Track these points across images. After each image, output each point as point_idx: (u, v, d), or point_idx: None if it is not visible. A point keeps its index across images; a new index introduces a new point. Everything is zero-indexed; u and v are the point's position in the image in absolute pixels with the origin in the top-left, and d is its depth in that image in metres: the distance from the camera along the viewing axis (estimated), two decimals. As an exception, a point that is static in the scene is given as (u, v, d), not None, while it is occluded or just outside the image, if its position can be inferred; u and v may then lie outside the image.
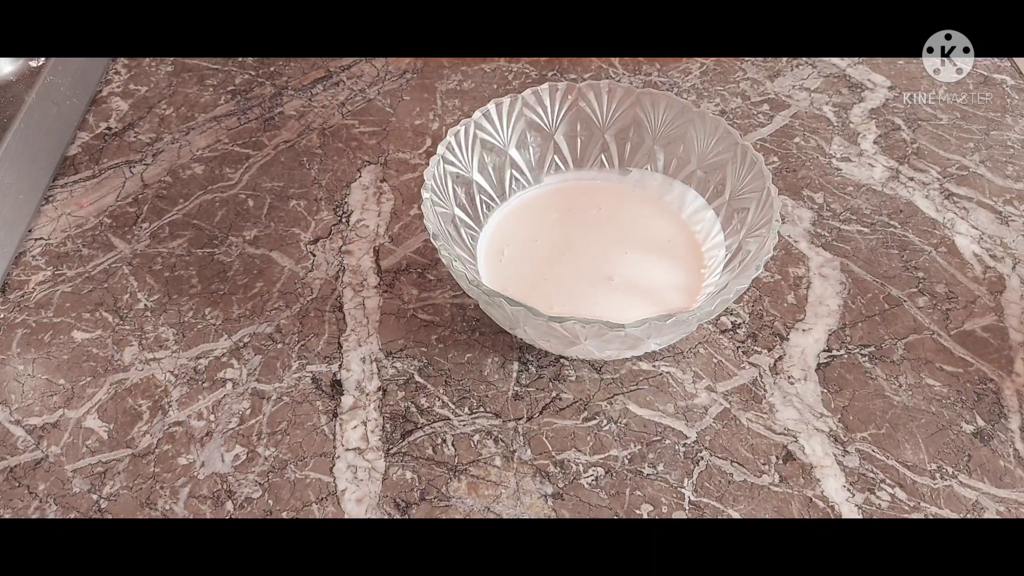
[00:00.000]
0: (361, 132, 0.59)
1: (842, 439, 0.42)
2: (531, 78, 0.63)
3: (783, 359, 0.45)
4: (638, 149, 0.51)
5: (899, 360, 0.45)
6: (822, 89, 0.61)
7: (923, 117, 0.59)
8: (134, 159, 0.57)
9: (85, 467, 0.41)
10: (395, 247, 0.51)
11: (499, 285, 0.46)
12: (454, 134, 0.47)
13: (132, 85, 0.63)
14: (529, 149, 0.51)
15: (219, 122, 0.60)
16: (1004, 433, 0.42)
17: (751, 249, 0.43)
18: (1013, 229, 0.51)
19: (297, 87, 0.62)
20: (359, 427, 0.43)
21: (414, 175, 0.56)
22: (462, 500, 0.40)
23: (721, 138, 0.47)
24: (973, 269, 0.49)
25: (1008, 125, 0.58)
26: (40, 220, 0.53)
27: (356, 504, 0.40)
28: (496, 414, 0.43)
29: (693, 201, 0.49)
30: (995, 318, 0.47)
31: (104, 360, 0.46)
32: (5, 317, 0.48)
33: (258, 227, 0.53)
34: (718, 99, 0.61)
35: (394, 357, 0.46)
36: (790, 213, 0.53)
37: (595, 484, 0.40)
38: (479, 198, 0.49)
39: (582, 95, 0.50)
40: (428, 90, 0.62)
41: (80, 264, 0.51)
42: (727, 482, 0.40)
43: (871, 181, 0.55)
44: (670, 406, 0.43)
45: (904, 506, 0.39)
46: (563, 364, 0.45)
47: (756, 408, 0.43)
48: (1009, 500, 0.40)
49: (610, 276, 0.46)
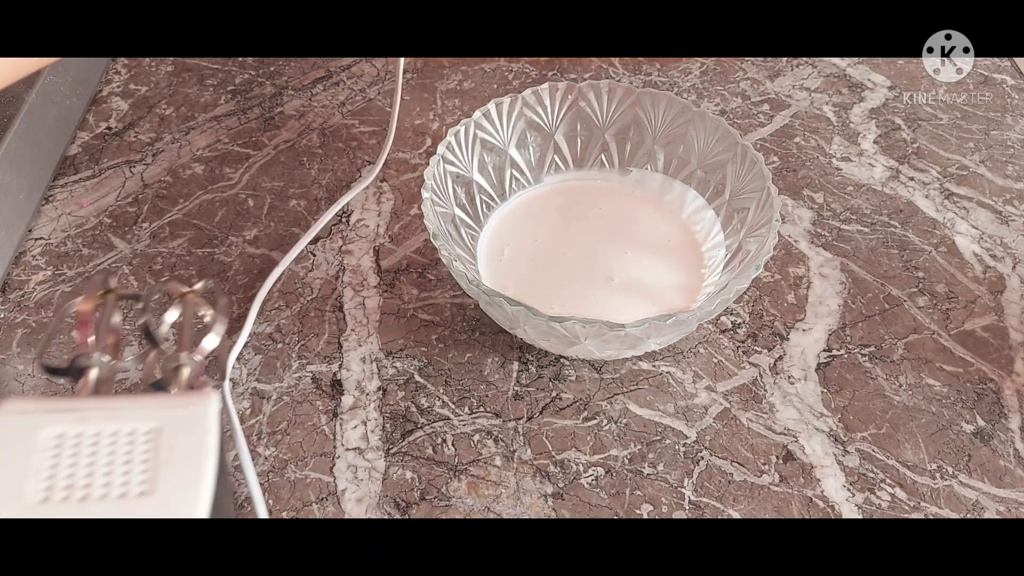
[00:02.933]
0: (361, 132, 0.59)
1: (842, 439, 0.42)
2: (531, 78, 0.63)
3: (783, 359, 0.45)
4: (638, 149, 0.51)
5: (899, 360, 0.45)
6: (822, 89, 0.61)
7: (923, 117, 0.59)
8: (134, 159, 0.57)
9: (85, 467, 0.41)
10: (395, 247, 0.51)
11: (499, 285, 0.46)
12: (454, 134, 0.47)
13: (132, 85, 0.63)
14: (529, 149, 0.51)
15: (219, 122, 0.60)
16: (1004, 433, 0.42)
17: (751, 249, 0.43)
18: (1013, 229, 0.51)
19: (297, 87, 0.62)
20: (359, 427, 0.43)
21: (414, 175, 0.56)
22: (462, 500, 0.40)
23: (721, 138, 0.47)
24: (973, 269, 0.49)
25: (1008, 125, 0.58)
26: (40, 220, 0.53)
27: (356, 504, 0.40)
28: (496, 414, 0.43)
29: (693, 201, 0.49)
30: (995, 318, 0.47)
31: (104, 360, 0.46)
32: (5, 317, 0.48)
33: (258, 227, 0.53)
34: (718, 99, 0.61)
35: (394, 357, 0.46)
36: (790, 213, 0.53)
37: (595, 484, 0.40)
38: (479, 198, 0.49)
39: (582, 95, 0.50)
40: (428, 90, 0.62)
41: (80, 264, 0.51)
42: (727, 482, 0.40)
43: (871, 181, 0.55)
44: (670, 406, 0.43)
45: (904, 506, 0.40)
46: (563, 364, 0.45)
47: (756, 408, 0.43)
48: (1009, 500, 0.40)
49: (610, 276, 0.46)
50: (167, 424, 0.23)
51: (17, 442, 0.22)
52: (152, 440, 0.22)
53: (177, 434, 0.23)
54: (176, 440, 0.23)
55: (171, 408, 0.23)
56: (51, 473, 0.21)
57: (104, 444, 0.22)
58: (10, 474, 0.21)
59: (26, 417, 0.22)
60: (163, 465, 0.22)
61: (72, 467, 0.22)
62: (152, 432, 0.23)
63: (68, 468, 0.22)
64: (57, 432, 0.22)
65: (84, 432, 0.22)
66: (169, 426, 0.23)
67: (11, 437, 0.22)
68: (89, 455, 0.22)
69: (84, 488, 0.21)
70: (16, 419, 0.22)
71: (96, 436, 0.22)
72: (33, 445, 0.22)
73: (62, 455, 0.22)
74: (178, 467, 0.22)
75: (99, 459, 0.22)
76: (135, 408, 0.23)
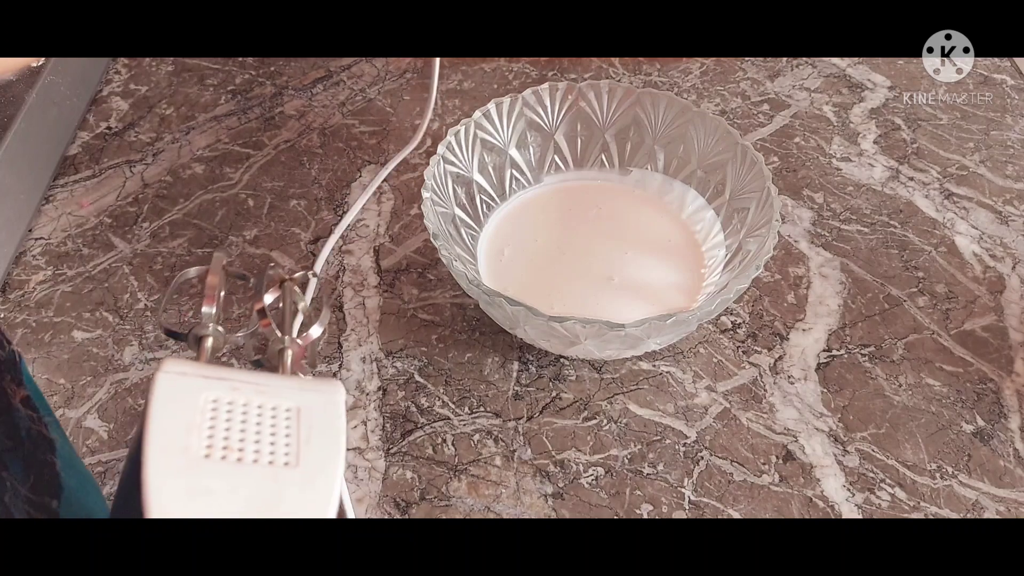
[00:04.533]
0: (361, 132, 0.59)
1: (842, 439, 0.42)
2: (531, 78, 0.63)
3: (783, 359, 0.45)
4: (638, 149, 0.51)
5: (899, 360, 0.45)
6: (822, 89, 0.61)
7: (923, 117, 0.59)
8: (134, 159, 0.57)
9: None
10: (395, 247, 0.51)
11: (499, 285, 0.46)
12: (454, 134, 0.47)
13: (132, 85, 0.63)
14: (529, 149, 0.51)
15: (219, 122, 0.60)
16: (1004, 433, 0.42)
17: (751, 249, 0.43)
18: (1013, 229, 0.51)
19: (297, 87, 0.62)
20: (359, 427, 0.43)
21: (414, 175, 0.56)
22: (462, 500, 0.40)
23: (721, 138, 0.47)
24: (973, 269, 0.49)
25: (1008, 125, 0.58)
26: (40, 220, 0.53)
27: (356, 504, 0.40)
28: (496, 414, 0.43)
29: (693, 201, 0.49)
30: (995, 318, 0.47)
31: (104, 360, 0.46)
32: (5, 317, 0.48)
33: (258, 227, 0.53)
34: (718, 99, 0.61)
35: (394, 357, 0.46)
36: (790, 213, 0.53)
37: (595, 484, 0.41)
38: (479, 198, 0.49)
39: (582, 95, 0.50)
40: (428, 90, 0.62)
41: (80, 264, 0.51)
42: (727, 482, 0.40)
43: (871, 181, 0.55)
44: (670, 406, 0.43)
45: (904, 506, 0.40)
46: (563, 364, 0.45)
47: (756, 408, 0.43)
48: (1009, 500, 0.40)
49: (610, 276, 0.46)
50: (304, 405, 0.26)
51: (182, 400, 0.24)
52: (292, 418, 0.25)
53: (314, 416, 0.25)
54: (313, 421, 0.25)
55: (307, 392, 0.26)
56: (211, 433, 0.24)
57: (252, 414, 0.25)
58: (178, 427, 0.24)
59: (187, 379, 0.25)
60: (303, 442, 0.25)
61: (228, 430, 0.24)
62: (292, 411, 0.25)
63: (224, 431, 0.24)
64: (213, 397, 0.25)
65: (236, 400, 0.25)
66: (306, 407, 0.26)
67: (176, 395, 0.24)
68: (241, 422, 0.24)
69: (239, 451, 0.24)
70: (180, 379, 0.25)
71: (246, 406, 0.25)
72: (195, 405, 0.24)
73: (218, 418, 0.24)
74: (316, 446, 0.25)
75: (249, 426, 0.24)
76: (277, 386, 0.26)
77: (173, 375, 0.25)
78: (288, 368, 0.30)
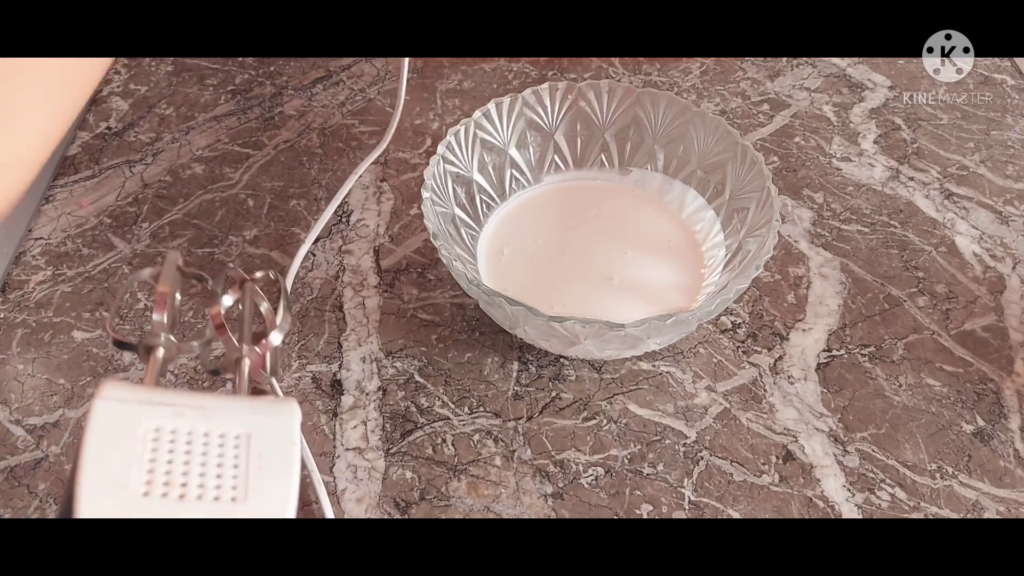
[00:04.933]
0: (361, 132, 0.59)
1: (842, 439, 0.42)
2: (531, 78, 0.63)
3: (783, 359, 0.45)
4: (638, 149, 0.51)
5: (899, 360, 0.45)
6: (822, 89, 0.61)
7: (923, 117, 0.59)
8: (134, 159, 0.57)
9: (85, 467, 0.41)
10: (395, 247, 0.51)
11: (499, 285, 0.46)
12: (454, 134, 0.47)
13: (132, 85, 0.63)
14: (529, 149, 0.51)
15: (219, 122, 0.60)
16: (1004, 433, 0.42)
17: (751, 249, 0.43)
18: (1013, 229, 0.51)
19: (297, 87, 0.62)
20: (359, 427, 0.43)
21: (414, 175, 0.56)
22: (462, 500, 0.40)
23: (721, 138, 0.47)
24: (973, 269, 0.49)
25: (1008, 125, 0.58)
26: (40, 220, 0.53)
27: (356, 504, 0.40)
28: (496, 414, 0.43)
29: (693, 201, 0.49)
30: (995, 318, 0.47)
31: (104, 360, 0.46)
32: (5, 317, 0.48)
33: (258, 227, 0.53)
34: (718, 99, 0.61)
35: (394, 357, 0.46)
36: (790, 213, 0.53)
37: (595, 484, 0.40)
38: (479, 198, 0.49)
39: (582, 95, 0.50)
40: (428, 90, 0.62)
41: (80, 264, 0.51)
42: (727, 482, 0.40)
43: (871, 181, 0.55)
44: (670, 406, 0.43)
45: (904, 506, 0.40)
46: (563, 364, 0.45)
47: (756, 408, 0.43)
48: (1009, 500, 0.40)
49: (610, 276, 0.46)
50: (255, 431, 0.24)
51: (121, 430, 0.23)
52: (241, 445, 0.23)
53: (264, 442, 0.24)
54: (264, 448, 0.23)
55: (258, 415, 0.24)
56: (151, 467, 0.22)
57: (198, 443, 0.23)
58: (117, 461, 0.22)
59: (127, 406, 0.23)
60: (253, 472, 0.23)
61: (170, 463, 0.22)
62: (241, 437, 0.24)
63: (166, 464, 0.22)
64: (156, 425, 0.23)
65: (179, 428, 0.23)
66: (257, 433, 0.24)
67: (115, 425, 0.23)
68: (184, 452, 0.23)
69: (181, 487, 0.22)
70: (119, 406, 0.23)
71: (190, 434, 0.23)
72: (135, 435, 0.23)
73: (160, 449, 0.23)
74: (267, 476, 0.23)
75: (194, 457, 0.23)
76: (225, 409, 0.24)
77: (112, 402, 0.23)
78: (245, 379, 0.28)
